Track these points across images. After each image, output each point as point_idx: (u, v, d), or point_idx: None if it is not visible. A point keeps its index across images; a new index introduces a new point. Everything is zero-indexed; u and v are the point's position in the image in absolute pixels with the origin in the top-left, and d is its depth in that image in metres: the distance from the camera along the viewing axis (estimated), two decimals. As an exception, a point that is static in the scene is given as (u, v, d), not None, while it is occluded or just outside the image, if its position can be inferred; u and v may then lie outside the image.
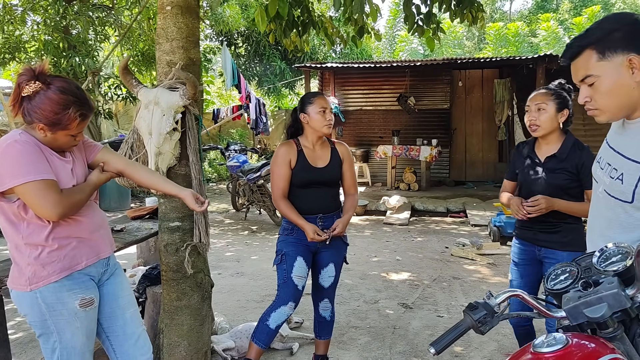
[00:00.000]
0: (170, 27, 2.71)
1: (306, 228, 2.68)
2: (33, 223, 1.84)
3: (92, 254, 1.98)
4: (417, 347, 3.42)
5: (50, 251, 1.85)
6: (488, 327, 1.33)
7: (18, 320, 3.97)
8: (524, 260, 2.58)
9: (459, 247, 6.08)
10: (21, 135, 1.80)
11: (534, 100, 2.46)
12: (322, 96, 2.82)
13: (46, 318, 1.87)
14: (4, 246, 6.56)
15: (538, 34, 19.86)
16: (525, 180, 2.54)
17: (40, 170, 1.77)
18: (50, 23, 8.90)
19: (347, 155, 2.92)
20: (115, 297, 2.09)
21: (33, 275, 1.84)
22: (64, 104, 1.80)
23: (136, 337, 2.13)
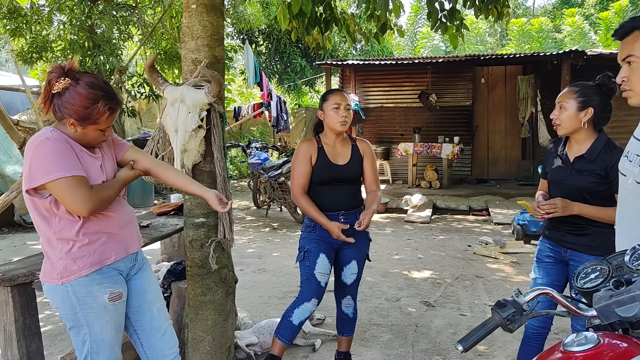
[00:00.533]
0: (196, 25, 2.74)
1: (330, 227, 2.68)
2: (64, 218, 1.88)
3: (120, 249, 2.01)
4: (440, 346, 3.41)
5: (80, 246, 1.89)
6: (517, 325, 1.32)
7: (47, 313, 4.07)
8: (549, 259, 2.52)
9: (481, 246, 6.02)
10: (52, 132, 1.85)
11: (559, 98, 2.40)
12: (338, 92, 2.78)
13: (77, 311, 1.91)
14: (35, 241, 6.73)
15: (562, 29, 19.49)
16: (553, 180, 2.48)
17: (71, 167, 1.81)
18: (75, 23, 9.06)
19: (368, 152, 2.90)
20: (143, 291, 2.12)
21: (64, 269, 1.89)
22: (93, 98, 1.84)
23: (163, 331, 2.17)
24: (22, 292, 2.35)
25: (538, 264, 2.57)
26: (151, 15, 10.61)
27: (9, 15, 8.70)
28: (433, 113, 10.22)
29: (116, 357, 2.02)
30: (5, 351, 2.40)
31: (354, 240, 2.72)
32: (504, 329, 1.33)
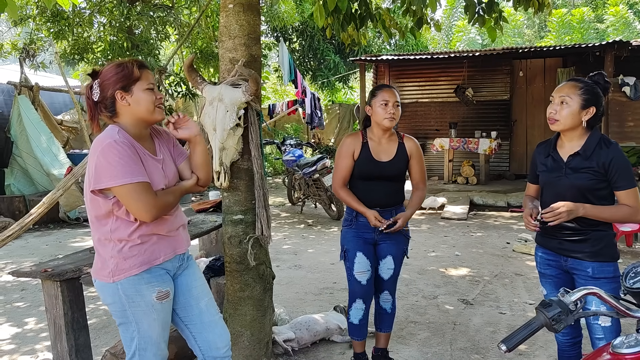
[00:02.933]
0: (233, 24, 2.77)
1: (367, 214, 2.70)
2: (121, 219, 1.93)
3: (170, 250, 2.06)
4: (479, 344, 3.36)
5: (132, 246, 1.94)
6: (562, 325, 1.29)
7: (92, 307, 4.21)
8: (552, 271, 2.35)
9: (520, 243, 5.89)
10: (119, 134, 1.89)
11: (560, 91, 2.22)
12: (388, 89, 2.77)
13: (126, 309, 1.96)
14: (79, 237, 6.97)
15: (605, 19, 18.80)
16: (547, 182, 2.31)
17: (136, 173, 1.85)
18: (115, 24, 9.30)
19: (415, 150, 2.86)
20: (189, 287, 2.16)
21: (115, 268, 1.94)
22: (116, 65, 1.95)
23: (214, 324, 2.20)
24: (70, 286, 2.44)
25: (543, 278, 2.42)
26: (187, 15, 10.79)
27: (52, 18, 9.00)
28: (469, 108, 10.04)
29: (162, 353, 2.07)
30: (55, 343, 2.51)
31: (391, 229, 2.71)
32: (549, 329, 1.30)
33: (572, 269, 2.25)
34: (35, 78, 9.95)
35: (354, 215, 2.81)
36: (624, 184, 2.13)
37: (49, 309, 2.49)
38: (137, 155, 1.90)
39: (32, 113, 8.11)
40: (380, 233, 2.77)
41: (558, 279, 2.34)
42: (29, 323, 3.98)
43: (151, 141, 2.08)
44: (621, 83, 8.15)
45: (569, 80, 2.26)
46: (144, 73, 1.95)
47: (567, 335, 2.39)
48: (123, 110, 1.95)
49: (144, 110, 1.95)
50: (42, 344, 3.57)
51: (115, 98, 1.92)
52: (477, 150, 9.19)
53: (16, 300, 4.51)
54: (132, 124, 1.96)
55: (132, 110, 1.94)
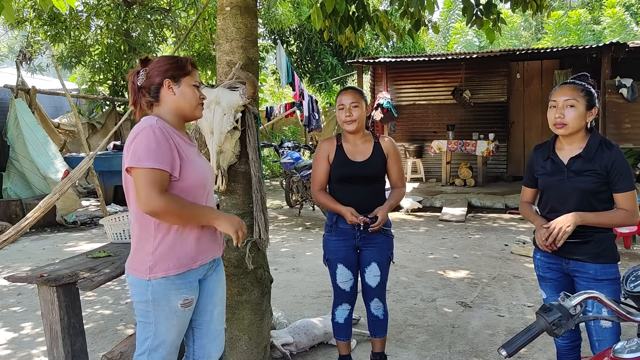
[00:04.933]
0: (230, 27, 2.77)
1: (343, 211, 2.67)
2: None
3: (208, 254, 2.04)
4: (478, 347, 3.35)
5: (172, 244, 1.92)
6: (563, 329, 1.28)
7: (89, 311, 4.19)
8: (552, 274, 2.32)
9: (519, 245, 5.88)
10: (157, 121, 1.88)
11: (563, 94, 2.17)
12: (345, 92, 2.76)
13: (150, 309, 1.94)
14: (75, 241, 6.93)
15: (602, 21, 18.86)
16: (548, 186, 2.28)
17: (160, 160, 1.80)
18: (112, 27, 9.31)
19: (392, 149, 2.83)
20: (212, 293, 2.14)
21: (154, 265, 1.91)
22: (172, 56, 2.02)
23: (217, 334, 2.19)
24: (66, 291, 2.42)
25: (543, 282, 2.39)
26: (184, 18, 10.79)
27: (49, 21, 9.00)
28: (467, 110, 10.05)
29: (172, 358, 2.05)
30: (51, 349, 2.48)
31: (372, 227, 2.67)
32: (549, 334, 1.29)
33: (574, 271, 2.23)
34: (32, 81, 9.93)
35: (334, 221, 2.79)
36: (623, 187, 2.13)
37: (45, 314, 2.47)
38: (171, 144, 1.86)
39: (29, 116, 8.08)
40: (361, 238, 2.74)
41: (558, 282, 2.32)
42: (26, 328, 3.95)
43: (186, 134, 2.09)
44: (618, 85, 8.17)
45: (564, 84, 2.23)
46: (194, 71, 2.03)
47: (567, 339, 2.38)
48: (167, 98, 1.97)
49: (187, 103, 1.99)
50: (38, 349, 3.55)
51: (162, 85, 1.95)
52: (474, 152, 9.19)
53: (12, 305, 4.48)
54: (172, 114, 1.98)
55: (176, 100, 1.97)
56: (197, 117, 2.06)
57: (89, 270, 2.49)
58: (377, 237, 2.77)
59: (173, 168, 1.85)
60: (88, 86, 11.26)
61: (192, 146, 2.03)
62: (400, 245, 6.09)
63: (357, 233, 2.75)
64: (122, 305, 4.34)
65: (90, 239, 7.13)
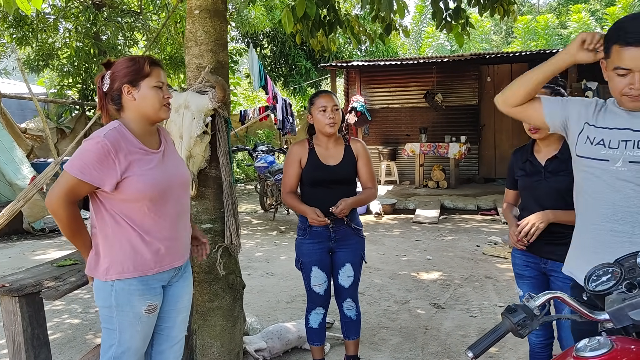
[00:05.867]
0: (199, 31, 2.74)
1: (307, 211, 2.66)
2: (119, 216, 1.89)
3: (166, 262, 1.99)
4: (450, 348, 3.37)
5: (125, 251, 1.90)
6: (528, 330, 1.30)
7: (56, 321, 4.08)
8: (530, 272, 2.38)
9: (490, 246, 5.97)
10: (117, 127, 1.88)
11: None
12: (324, 94, 2.76)
13: (113, 315, 1.92)
14: (43, 249, 6.75)
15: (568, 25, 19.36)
16: (526, 187, 2.35)
17: (86, 173, 1.80)
18: (81, 30, 9.13)
19: (362, 152, 2.85)
20: (177, 299, 2.11)
21: (109, 266, 1.89)
22: (129, 58, 1.95)
23: (176, 341, 2.15)
24: (30, 302, 2.35)
25: (520, 280, 2.44)
26: (156, 21, 10.66)
27: (15, 23, 8.77)
28: (439, 113, 10.17)
29: None
30: (14, 361, 2.40)
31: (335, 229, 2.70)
32: (514, 335, 1.31)
33: (551, 270, 2.29)
34: (-3, 85, 9.66)
35: (307, 224, 2.77)
36: None
37: (7, 325, 2.38)
38: (111, 161, 1.83)
39: (-6, 121, 7.85)
40: (335, 240, 2.76)
41: (536, 280, 2.37)
42: (-10, 339, 3.82)
43: (156, 136, 2.05)
44: (584, 88, 8.38)
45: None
46: (154, 70, 1.95)
47: (541, 336, 2.43)
48: (128, 104, 1.93)
49: (149, 107, 1.94)
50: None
51: (122, 91, 1.92)
52: (447, 155, 9.31)
53: (-24, 316, 4.34)
54: (136, 120, 1.95)
55: (138, 105, 1.93)
56: (163, 119, 2.02)
57: (54, 279, 2.42)
58: (350, 238, 2.79)
59: (103, 183, 1.83)
60: (57, 90, 11.01)
61: (152, 154, 1.96)
62: (375, 248, 6.12)
63: (332, 235, 2.75)
64: (91, 314, 4.24)
65: (59, 246, 6.96)
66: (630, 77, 1.57)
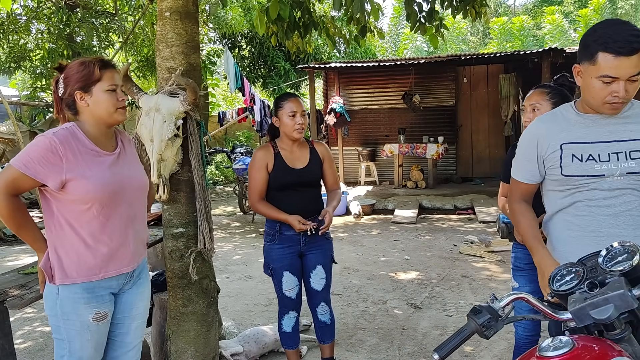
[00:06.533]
0: (170, 33, 2.71)
1: (290, 220, 2.65)
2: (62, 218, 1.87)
3: (112, 267, 1.96)
4: (426, 348, 3.39)
5: (69, 255, 1.87)
6: (492, 331, 1.31)
7: (27, 329, 4.00)
8: (529, 266, 2.40)
9: (467, 245, 6.04)
10: (70, 127, 1.88)
11: (529, 99, 2.32)
12: (294, 98, 2.75)
13: (60, 324, 1.89)
14: (15, 255, 6.61)
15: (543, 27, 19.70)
16: None
17: (29, 167, 1.78)
18: (54, 31, 8.95)
19: (326, 154, 2.89)
20: (131, 306, 2.08)
21: (55, 270, 1.87)
22: (79, 62, 1.92)
23: (131, 347, 2.13)
24: (-6, 310, 2.29)
25: (518, 272, 2.47)
26: (131, 22, 10.52)
27: (-15, 25, 8.57)
28: (417, 114, 10.25)
29: None
30: (-21, 372, 2.34)
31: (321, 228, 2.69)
32: (480, 336, 1.32)
33: None
34: (-33, 87, 9.43)
35: (277, 229, 2.76)
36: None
37: (-28, 335, 2.32)
38: (59, 158, 1.81)
39: (-36, 125, 7.67)
40: (305, 243, 2.76)
41: (534, 272, 2.32)
42: (-42, 349, 3.72)
43: (113, 139, 2.04)
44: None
45: (536, 87, 2.35)
46: (105, 73, 1.91)
47: (528, 331, 2.46)
48: (83, 109, 1.92)
49: (103, 112, 1.92)
50: (-29, 371, 3.35)
51: (75, 97, 1.90)
52: (425, 155, 9.38)
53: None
54: (92, 124, 1.93)
55: (91, 110, 1.91)
56: (119, 121, 1.99)
57: (19, 287, 2.36)
58: (319, 240, 2.80)
59: (46, 179, 1.81)
60: (29, 92, 10.79)
61: (105, 156, 1.94)
62: (353, 249, 6.13)
63: (302, 238, 2.75)
64: (65, 320, 4.15)
65: (32, 252, 6.80)
66: (615, 84, 1.58)
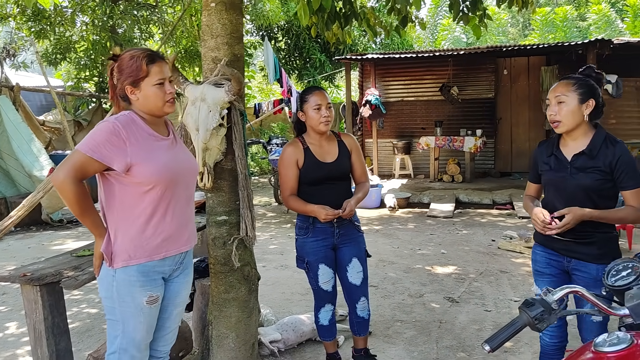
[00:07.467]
0: (215, 23, 2.74)
1: (316, 210, 2.63)
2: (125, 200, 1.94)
3: (171, 248, 2.03)
4: (465, 342, 3.37)
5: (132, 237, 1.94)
6: (545, 324, 1.29)
7: (75, 310, 4.15)
8: (551, 270, 2.31)
9: (506, 240, 5.93)
10: (128, 114, 1.96)
11: (554, 91, 2.18)
12: (318, 92, 2.73)
13: (115, 306, 1.97)
14: (61, 240, 6.87)
15: (587, 17, 19.03)
16: (551, 183, 2.27)
17: (95, 151, 1.85)
18: (98, 23, 9.19)
19: (354, 146, 2.87)
20: (176, 294, 2.15)
21: (115, 254, 1.94)
22: (129, 56, 1.97)
23: (169, 331, 2.20)
24: (50, 291, 2.40)
25: (539, 277, 2.37)
26: (171, 14, 10.71)
27: (33, 17, 8.86)
28: (455, 106, 10.09)
29: (141, 356, 2.05)
30: (35, 349, 2.46)
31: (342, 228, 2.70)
32: (532, 329, 1.30)
33: (575, 270, 2.22)
34: (16, 78, 9.79)
35: (310, 222, 2.74)
36: (632, 184, 2.11)
37: (28, 313, 2.44)
38: (122, 141, 1.88)
39: (13, 114, 7.97)
40: (339, 235, 2.76)
41: (556, 279, 2.30)
42: (10, 327, 3.91)
43: (164, 126, 2.12)
44: (604, 81, 8.24)
45: (561, 79, 2.23)
46: (153, 68, 1.96)
47: (555, 337, 2.36)
48: (134, 102, 2.00)
49: (151, 104, 1.99)
50: (23, 348, 3.51)
51: (126, 91, 1.97)
52: (462, 149, 9.24)
53: (-3, 305, 4.43)
54: (143, 113, 2.01)
55: (141, 103, 1.99)
56: (167, 113, 2.05)
57: (73, 269, 2.47)
58: (353, 233, 2.80)
59: (112, 162, 1.87)
60: (74, 83, 11.13)
61: (162, 140, 2.02)
62: (389, 242, 6.11)
63: (335, 231, 2.75)
64: (109, 303, 4.30)
65: (76, 237, 7.07)
66: None
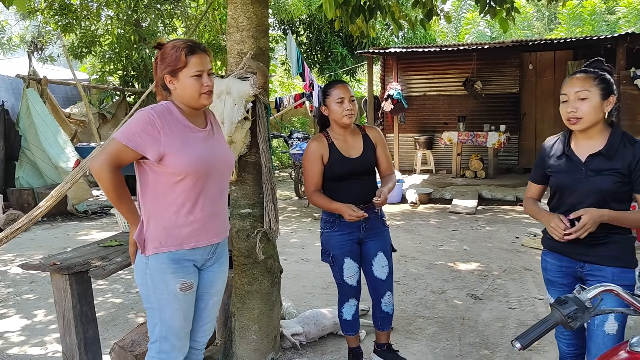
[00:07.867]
0: (241, 17, 2.75)
1: (342, 209, 2.60)
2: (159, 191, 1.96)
3: (201, 239, 2.04)
4: (488, 339, 3.33)
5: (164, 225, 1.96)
6: (578, 322, 1.27)
7: (100, 299, 4.23)
8: (564, 279, 2.16)
9: (530, 237, 5.84)
10: (166, 104, 2.00)
11: (573, 86, 1.98)
12: (341, 85, 2.69)
13: (150, 294, 1.99)
14: (86, 230, 6.99)
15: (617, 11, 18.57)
16: (562, 185, 2.09)
17: (131, 139, 1.88)
18: (122, 17, 9.30)
19: (379, 139, 2.82)
20: (211, 284, 2.16)
21: (148, 241, 1.97)
22: (170, 47, 2.00)
23: (206, 322, 2.21)
24: (79, 280, 2.44)
25: (551, 286, 2.22)
26: (194, 8, 10.77)
27: (60, 11, 9.01)
28: (478, 101, 9.96)
29: (182, 345, 2.07)
30: (64, 336, 2.51)
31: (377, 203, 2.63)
32: (565, 327, 1.28)
33: (589, 275, 2.07)
34: (43, 71, 9.97)
35: (337, 216, 2.70)
36: None
37: (57, 302, 2.49)
38: (157, 130, 1.90)
39: (41, 106, 8.13)
40: (365, 229, 2.73)
41: (569, 288, 2.14)
42: (38, 315, 4.00)
43: (203, 117, 2.13)
44: (633, 76, 8.04)
45: (574, 74, 2.04)
46: (192, 59, 1.97)
47: (573, 345, 2.27)
48: (173, 92, 2.03)
49: (188, 96, 2.00)
50: (51, 336, 3.59)
51: (165, 80, 2.00)
52: (485, 144, 9.12)
53: (26, 292, 4.54)
54: (181, 103, 2.03)
55: (178, 93, 2.01)
56: (204, 105, 2.06)
57: (100, 258, 2.51)
58: (379, 227, 2.78)
59: (146, 151, 1.89)
60: (98, 76, 11.30)
61: (198, 131, 2.03)
62: (410, 237, 6.08)
63: (362, 225, 2.73)
64: (133, 294, 4.37)
65: (101, 228, 7.19)
66: None
